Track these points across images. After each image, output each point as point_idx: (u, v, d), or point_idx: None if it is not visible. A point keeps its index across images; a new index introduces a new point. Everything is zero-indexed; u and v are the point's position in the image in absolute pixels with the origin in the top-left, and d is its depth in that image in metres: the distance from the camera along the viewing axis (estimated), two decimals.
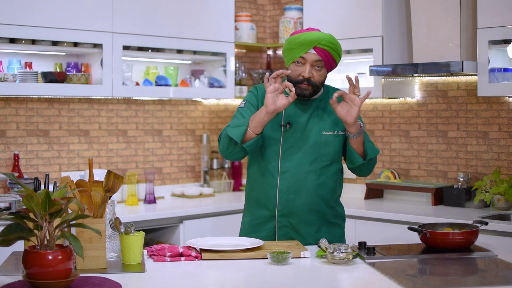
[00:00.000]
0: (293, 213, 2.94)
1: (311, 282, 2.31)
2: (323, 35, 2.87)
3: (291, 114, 2.95)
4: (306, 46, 2.85)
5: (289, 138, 2.93)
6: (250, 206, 3.07)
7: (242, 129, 2.82)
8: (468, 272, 2.51)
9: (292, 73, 2.90)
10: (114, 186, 2.48)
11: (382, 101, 4.77)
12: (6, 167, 4.18)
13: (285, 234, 2.96)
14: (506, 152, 4.21)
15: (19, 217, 2.10)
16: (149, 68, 4.76)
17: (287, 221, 2.95)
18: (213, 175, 5.08)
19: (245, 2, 5.38)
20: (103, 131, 4.62)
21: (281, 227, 2.96)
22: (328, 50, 2.86)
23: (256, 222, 3.01)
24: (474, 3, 4.02)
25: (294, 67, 2.90)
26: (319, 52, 2.86)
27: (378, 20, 4.38)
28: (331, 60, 2.89)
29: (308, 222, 2.95)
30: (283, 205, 2.93)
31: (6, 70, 4.13)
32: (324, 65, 2.89)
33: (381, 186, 4.56)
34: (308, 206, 2.94)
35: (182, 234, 4.26)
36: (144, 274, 2.39)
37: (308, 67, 2.87)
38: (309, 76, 2.87)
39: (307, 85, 2.88)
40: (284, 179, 2.92)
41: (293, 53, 2.88)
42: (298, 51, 2.87)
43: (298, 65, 2.89)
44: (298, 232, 2.95)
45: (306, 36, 2.86)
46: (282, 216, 2.95)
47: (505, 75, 3.89)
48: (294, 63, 2.90)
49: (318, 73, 2.89)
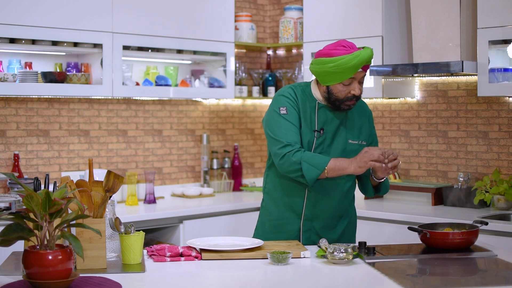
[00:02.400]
0: (318, 217, 2.97)
1: (311, 282, 2.31)
2: (370, 52, 2.80)
3: (323, 120, 2.94)
4: (356, 68, 2.79)
5: (321, 144, 2.93)
6: (271, 206, 3.05)
7: (317, 173, 2.80)
8: (468, 272, 2.51)
9: (339, 92, 2.85)
10: (114, 186, 2.48)
11: (382, 101, 4.77)
12: (6, 167, 4.18)
13: (308, 238, 2.99)
14: (506, 152, 4.21)
15: (19, 217, 2.11)
16: (149, 68, 4.76)
17: (310, 225, 2.98)
18: (213, 175, 5.08)
19: (245, 2, 5.38)
20: (103, 131, 4.62)
21: (305, 230, 2.98)
22: (369, 63, 2.86)
23: (278, 222, 3.01)
24: (474, 3, 4.02)
25: (342, 87, 2.85)
26: (365, 68, 2.86)
27: (378, 20, 4.38)
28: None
29: (330, 227, 3.00)
30: (310, 209, 2.96)
31: (6, 70, 4.13)
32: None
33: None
34: (333, 212, 2.99)
35: (182, 234, 4.26)
36: (144, 274, 2.39)
37: (357, 85, 2.85)
38: (359, 93, 2.87)
39: (355, 100, 2.89)
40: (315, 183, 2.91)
41: (341, 75, 2.81)
42: (349, 73, 2.80)
43: (346, 85, 2.85)
44: (318, 235, 2.99)
45: (359, 58, 2.77)
46: (307, 219, 2.97)
47: (505, 75, 3.88)
48: (340, 83, 2.84)
49: (362, 86, 2.92)
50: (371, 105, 4.82)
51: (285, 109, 2.90)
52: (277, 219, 3.02)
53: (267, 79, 5.31)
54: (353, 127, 2.98)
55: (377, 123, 4.80)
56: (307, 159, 2.80)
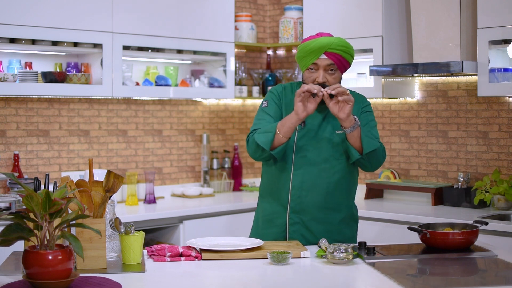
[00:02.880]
0: (305, 210, 2.96)
1: (311, 282, 2.31)
2: (332, 39, 2.89)
3: None
4: (317, 53, 2.88)
5: (304, 137, 2.97)
6: (263, 201, 3.10)
7: (270, 136, 2.87)
8: (468, 272, 2.51)
9: (306, 79, 2.94)
10: (114, 186, 2.48)
11: (382, 101, 4.77)
12: (6, 167, 4.18)
13: (296, 231, 2.98)
14: (506, 152, 4.21)
15: (19, 217, 2.10)
16: (149, 68, 4.76)
17: (298, 218, 2.97)
18: (213, 175, 5.08)
19: (245, 2, 5.38)
20: (103, 131, 4.62)
21: (292, 223, 2.98)
22: (339, 53, 2.89)
23: (268, 217, 3.05)
24: (474, 3, 4.02)
25: (308, 73, 2.94)
26: (330, 56, 2.88)
27: (378, 20, 4.38)
28: (343, 62, 2.92)
29: (319, 220, 2.97)
30: (295, 202, 2.96)
31: (6, 70, 4.13)
32: (337, 67, 2.92)
33: (381, 186, 4.56)
34: (320, 204, 2.96)
35: (182, 234, 4.26)
36: (144, 274, 2.39)
37: (322, 72, 2.90)
38: (323, 81, 2.89)
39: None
40: (297, 175, 2.95)
41: (305, 60, 2.92)
42: (310, 58, 2.90)
43: (312, 72, 2.93)
44: (309, 230, 2.96)
45: (316, 42, 2.88)
46: (294, 212, 2.97)
47: (505, 75, 3.89)
48: (307, 70, 2.94)
49: (332, 77, 2.92)
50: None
51: (266, 103, 3.05)
52: (268, 214, 3.05)
53: (267, 79, 5.31)
54: None
55: (377, 123, 4.79)
56: (259, 131, 2.92)
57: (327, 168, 2.96)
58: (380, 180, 4.68)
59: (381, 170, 4.73)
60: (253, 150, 2.94)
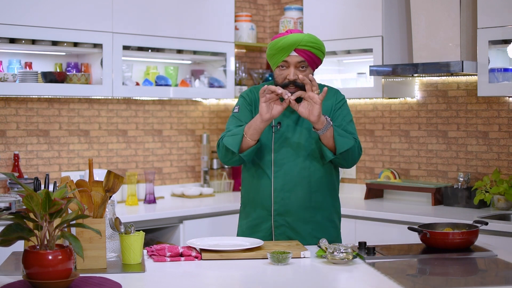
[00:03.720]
0: (289, 211, 2.95)
1: (311, 282, 2.31)
2: (301, 36, 2.87)
3: (282, 114, 2.95)
4: (287, 50, 2.86)
5: (280, 138, 2.95)
6: (246, 208, 3.08)
7: (238, 138, 2.86)
8: (468, 272, 2.51)
9: (277, 77, 2.93)
10: (114, 186, 2.48)
11: (382, 101, 4.77)
12: (6, 167, 4.18)
13: (282, 233, 2.97)
14: (506, 152, 4.21)
15: (19, 217, 2.10)
16: (149, 68, 4.76)
17: (283, 220, 2.96)
18: (213, 175, 5.08)
19: (245, 2, 5.38)
20: (103, 131, 4.62)
21: (278, 226, 2.97)
22: (309, 49, 2.87)
23: (253, 223, 3.02)
24: (474, 3, 4.02)
25: (279, 71, 2.92)
26: (300, 53, 2.87)
27: (378, 20, 4.38)
28: (314, 59, 2.90)
29: (304, 220, 2.96)
30: (279, 204, 2.95)
31: (6, 70, 4.13)
32: (308, 64, 2.90)
33: (381, 186, 4.56)
34: (304, 204, 2.95)
35: (182, 234, 4.26)
36: (144, 274, 2.39)
37: (292, 70, 2.88)
38: (294, 78, 2.88)
39: (294, 87, 2.89)
40: (278, 177, 2.94)
41: (275, 58, 2.90)
42: (280, 56, 2.88)
43: (283, 69, 2.91)
44: (295, 230, 2.95)
45: (285, 40, 2.87)
46: (278, 215, 2.96)
47: (505, 75, 3.89)
48: (278, 67, 2.92)
49: (303, 73, 2.89)
50: (371, 105, 4.82)
51: (237, 108, 3.04)
52: (252, 220, 3.02)
53: (267, 79, 5.31)
54: None
55: (377, 123, 4.80)
56: (227, 135, 2.91)
57: (307, 166, 2.94)
58: (380, 180, 4.68)
59: (381, 170, 4.73)
60: (223, 154, 2.92)
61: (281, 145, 2.95)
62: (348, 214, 4.13)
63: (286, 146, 2.95)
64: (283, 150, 2.95)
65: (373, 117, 4.82)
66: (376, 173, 4.81)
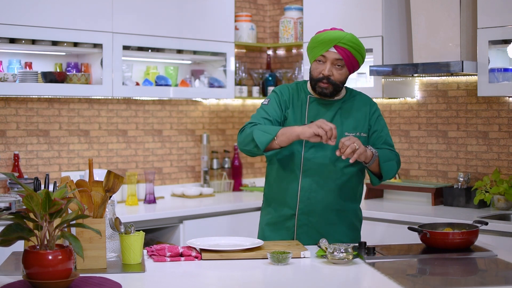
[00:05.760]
0: (314, 211, 2.95)
1: (311, 282, 2.31)
2: (344, 33, 2.90)
3: (315, 114, 2.97)
4: (327, 45, 2.88)
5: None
6: (269, 206, 3.07)
7: (268, 138, 2.82)
8: (468, 272, 2.51)
9: (313, 71, 2.95)
10: (114, 186, 2.48)
11: (382, 101, 4.77)
12: (6, 167, 4.18)
13: (304, 233, 2.97)
14: (506, 152, 4.21)
15: (19, 217, 2.10)
16: (149, 68, 4.76)
17: (307, 219, 2.97)
18: (213, 175, 5.08)
19: (245, 2, 5.38)
20: (103, 131, 4.62)
21: (301, 225, 2.97)
22: (349, 49, 2.89)
23: (276, 220, 3.02)
24: (474, 3, 4.02)
25: (316, 65, 2.95)
26: (339, 50, 2.89)
27: (378, 20, 4.38)
28: (352, 59, 2.92)
29: (328, 221, 2.97)
30: (305, 203, 2.95)
31: (6, 70, 4.13)
32: (345, 64, 2.92)
33: (381, 186, 4.56)
34: (329, 205, 2.96)
35: (182, 234, 4.26)
36: (144, 274, 2.39)
37: (329, 65, 2.91)
38: (328, 74, 2.90)
39: (327, 83, 2.91)
40: (306, 177, 2.94)
41: (315, 51, 2.92)
42: (319, 49, 2.90)
43: (319, 63, 2.93)
44: (317, 231, 2.96)
45: (327, 34, 2.90)
46: (302, 214, 2.96)
47: (505, 75, 3.89)
48: (315, 61, 2.95)
49: (339, 72, 2.92)
50: None
51: (267, 101, 3.03)
52: (275, 217, 3.03)
53: (267, 79, 5.31)
54: (349, 119, 2.98)
55: None
56: (259, 128, 2.87)
57: (335, 169, 2.95)
58: None
59: None
60: (246, 142, 2.88)
61: (312, 145, 2.94)
62: None
63: (317, 146, 2.94)
64: (314, 150, 2.95)
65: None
66: None
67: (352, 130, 2.97)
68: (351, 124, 2.98)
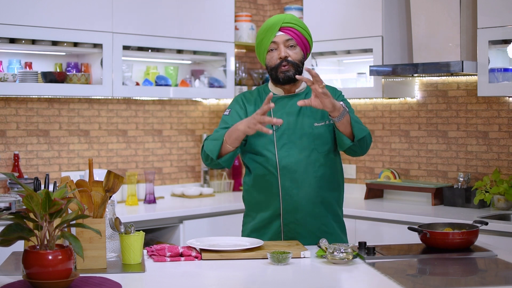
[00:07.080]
0: (298, 207, 2.94)
1: (311, 282, 2.31)
2: (284, 15, 2.96)
3: (281, 112, 2.96)
4: (273, 29, 2.91)
5: (283, 136, 2.94)
6: (251, 211, 3.06)
7: (217, 144, 2.85)
8: (468, 272, 2.51)
9: (269, 61, 2.96)
10: (114, 186, 2.48)
11: (382, 101, 4.77)
12: (6, 167, 4.18)
13: (291, 230, 2.96)
14: (506, 152, 4.21)
15: (19, 217, 2.10)
16: (149, 68, 4.76)
17: (292, 217, 2.95)
18: (213, 175, 5.08)
19: (245, 2, 5.38)
20: (103, 131, 4.62)
21: (287, 223, 2.96)
22: (295, 27, 2.92)
23: (260, 225, 3.01)
24: (474, 3, 4.02)
25: (270, 55, 2.95)
26: (286, 31, 2.92)
27: (378, 20, 4.38)
28: (301, 37, 2.94)
29: (314, 215, 2.95)
30: (287, 202, 2.94)
31: (6, 70, 4.13)
32: (297, 43, 2.93)
33: (381, 186, 4.56)
34: (312, 199, 2.94)
35: (182, 234, 4.26)
36: (144, 274, 2.39)
37: (283, 47, 2.92)
38: (285, 55, 2.91)
39: (287, 65, 2.91)
40: (284, 175, 2.93)
41: (264, 42, 2.94)
42: (268, 38, 2.93)
43: (273, 52, 2.95)
44: (304, 226, 2.95)
45: (269, 20, 2.95)
46: (287, 212, 2.95)
47: (505, 75, 3.89)
48: (268, 52, 2.95)
49: (293, 51, 2.93)
50: (371, 105, 4.82)
51: (228, 111, 3.03)
52: (259, 222, 3.01)
53: (267, 79, 5.31)
54: (316, 110, 2.95)
55: (377, 123, 4.80)
56: (209, 139, 2.91)
57: (313, 162, 2.93)
58: (380, 180, 4.68)
59: (381, 170, 4.73)
60: (204, 157, 2.93)
61: (284, 143, 2.94)
62: (348, 214, 4.13)
63: (289, 143, 2.94)
64: (287, 147, 2.94)
65: (373, 117, 4.82)
66: (376, 173, 4.81)
67: (320, 119, 2.94)
68: (318, 114, 2.95)
